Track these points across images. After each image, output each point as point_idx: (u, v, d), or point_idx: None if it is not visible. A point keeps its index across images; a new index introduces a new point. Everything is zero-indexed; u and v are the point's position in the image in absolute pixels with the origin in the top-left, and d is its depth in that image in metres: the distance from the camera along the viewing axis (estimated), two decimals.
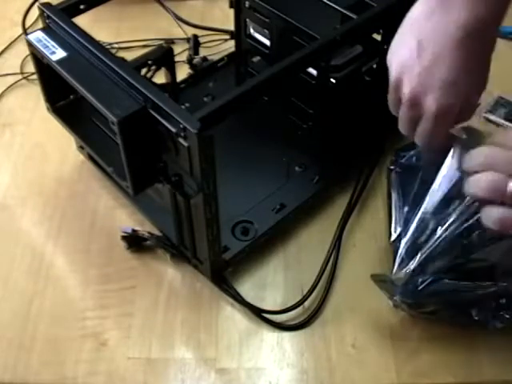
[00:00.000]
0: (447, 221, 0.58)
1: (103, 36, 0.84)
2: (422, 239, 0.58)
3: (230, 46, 0.85)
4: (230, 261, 0.62)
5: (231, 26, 0.76)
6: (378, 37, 0.69)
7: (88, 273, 0.64)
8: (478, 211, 0.51)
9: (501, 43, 0.89)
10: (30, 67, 0.80)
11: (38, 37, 0.57)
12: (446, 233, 0.57)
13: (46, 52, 0.56)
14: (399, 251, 0.59)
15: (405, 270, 0.57)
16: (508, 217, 0.48)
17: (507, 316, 0.56)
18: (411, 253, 0.57)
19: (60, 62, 0.55)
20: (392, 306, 0.59)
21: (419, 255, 0.57)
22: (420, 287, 0.55)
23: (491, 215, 0.49)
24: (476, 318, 0.56)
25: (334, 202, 0.70)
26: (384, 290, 0.57)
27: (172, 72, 0.63)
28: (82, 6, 0.61)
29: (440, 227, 0.57)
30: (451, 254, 0.56)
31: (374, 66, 0.71)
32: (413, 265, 0.56)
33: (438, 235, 0.57)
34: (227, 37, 0.87)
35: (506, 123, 0.77)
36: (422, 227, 0.59)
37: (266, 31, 0.71)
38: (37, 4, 0.60)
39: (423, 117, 0.52)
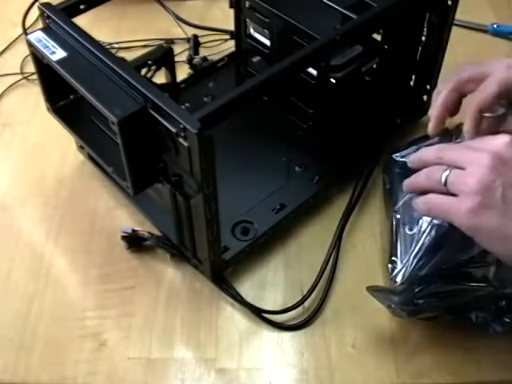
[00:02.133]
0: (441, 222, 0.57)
1: (103, 36, 0.84)
2: (417, 242, 0.58)
3: (230, 46, 0.85)
4: (229, 261, 0.62)
5: (231, 26, 0.76)
6: (378, 37, 0.69)
7: (88, 273, 0.64)
8: None
9: (501, 43, 0.90)
10: (30, 67, 0.80)
11: (38, 37, 0.57)
12: (441, 233, 0.57)
13: (46, 52, 0.56)
14: (397, 257, 0.59)
15: (401, 274, 0.56)
16: (431, 199, 0.48)
17: (507, 320, 0.56)
18: (407, 258, 0.57)
19: (60, 62, 0.55)
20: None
21: (415, 259, 0.56)
22: (418, 292, 0.55)
23: (418, 202, 0.50)
24: (476, 322, 0.56)
25: (334, 202, 0.70)
26: (381, 300, 0.56)
27: (172, 72, 0.63)
28: (82, 6, 0.61)
29: (433, 228, 0.57)
30: (448, 255, 0.56)
31: (374, 66, 0.71)
32: (409, 270, 0.56)
33: (433, 235, 0.57)
34: (227, 37, 0.87)
35: None
36: (418, 230, 0.59)
37: (266, 31, 0.71)
38: (37, 4, 0.60)
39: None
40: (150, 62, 0.60)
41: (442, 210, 0.48)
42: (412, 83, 0.75)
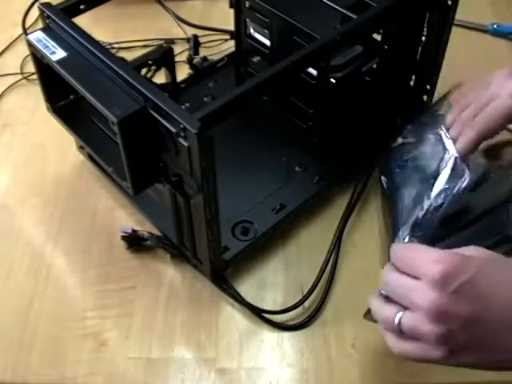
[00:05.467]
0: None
1: (103, 36, 0.84)
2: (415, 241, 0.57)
3: (230, 46, 0.85)
4: (229, 261, 0.62)
5: (231, 26, 0.76)
6: (378, 37, 0.69)
7: (88, 273, 0.64)
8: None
9: (501, 43, 0.90)
10: (30, 67, 0.80)
11: (38, 37, 0.57)
12: (436, 237, 0.57)
13: (46, 52, 0.56)
14: None
15: None
16: (408, 354, 0.46)
17: None
18: None
19: (60, 62, 0.55)
20: None
21: None
22: None
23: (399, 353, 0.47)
24: None
25: (334, 202, 0.70)
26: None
27: (172, 72, 0.63)
28: (82, 6, 0.61)
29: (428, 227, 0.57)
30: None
31: (374, 66, 0.71)
32: None
33: (428, 240, 0.57)
34: (227, 37, 0.87)
35: None
36: (415, 230, 0.58)
37: (266, 31, 0.71)
38: (37, 4, 0.60)
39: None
40: (150, 62, 0.60)
41: (423, 359, 0.46)
42: (412, 83, 0.75)
